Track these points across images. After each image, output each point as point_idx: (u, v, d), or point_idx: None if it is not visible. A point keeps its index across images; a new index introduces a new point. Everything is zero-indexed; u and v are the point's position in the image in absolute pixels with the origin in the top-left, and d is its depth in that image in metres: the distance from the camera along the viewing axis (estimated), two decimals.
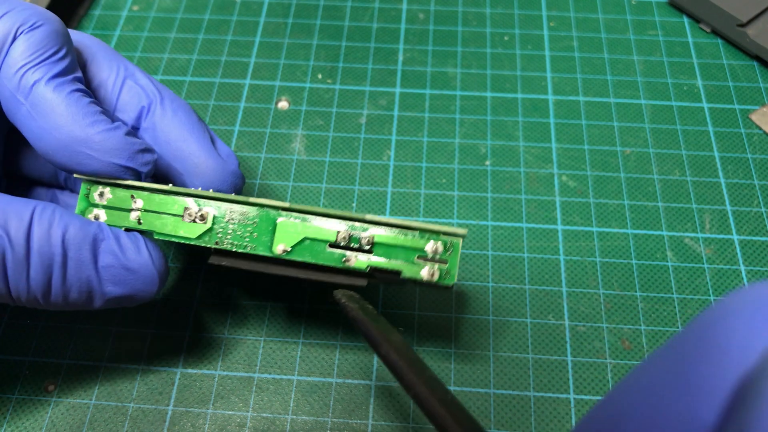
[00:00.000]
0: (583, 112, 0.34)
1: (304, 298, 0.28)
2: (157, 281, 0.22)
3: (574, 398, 0.26)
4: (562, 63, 0.36)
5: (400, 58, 0.36)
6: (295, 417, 0.25)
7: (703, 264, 0.29)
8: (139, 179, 0.22)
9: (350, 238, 0.22)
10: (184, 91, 0.35)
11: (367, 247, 0.21)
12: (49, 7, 0.35)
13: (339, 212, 0.22)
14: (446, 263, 0.21)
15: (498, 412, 0.25)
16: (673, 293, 0.28)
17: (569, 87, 0.35)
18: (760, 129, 0.33)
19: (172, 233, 0.22)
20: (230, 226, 0.22)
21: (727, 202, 0.31)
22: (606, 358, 0.26)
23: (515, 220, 0.30)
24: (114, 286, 0.22)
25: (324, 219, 0.22)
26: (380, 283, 0.23)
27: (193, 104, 0.34)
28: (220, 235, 0.22)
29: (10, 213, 0.20)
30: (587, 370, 0.26)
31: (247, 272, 0.23)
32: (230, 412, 0.25)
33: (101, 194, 0.22)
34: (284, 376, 0.26)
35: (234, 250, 0.22)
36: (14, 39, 0.21)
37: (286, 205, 0.22)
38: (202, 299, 0.28)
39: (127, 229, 0.22)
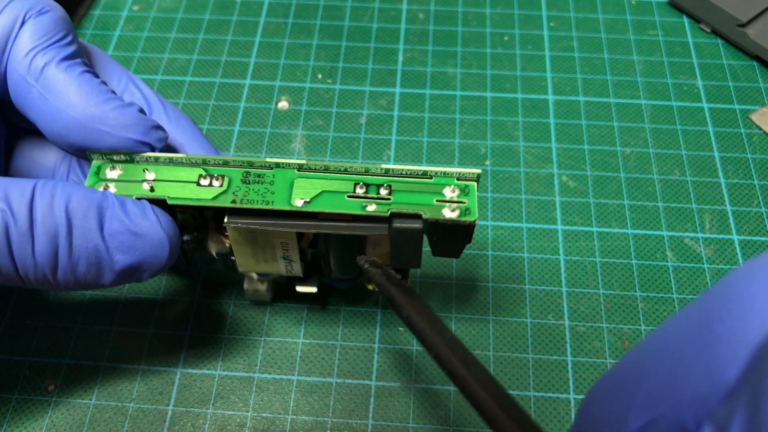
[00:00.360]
0: (583, 112, 0.34)
1: (304, 299, 0.28)
2: (167, 245, 0.22)
3: (574, 398, 0.26)
4: (562, 63, 0.36)
5: (400, 58, 0.36)
6: (295, 417, 0.25)
7: (703, 264, 0.29)
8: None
9: (368, 187, 0.22)
10: (184, 91, 0.35)
11: (385, 194, 0.22)
12: None
13: (356, 165, 0.22)
14: (465, 202, 0.21)
15: None
16: (673, 293, 0.28)
17: (569, 87, 0.35)
18: (760, 129, 0.33)
19: (187, 196, 0.22)
20: (246, 186, 0.22)
21: (727, 202, 0.31)
22: (606, 358, 0.26)
23: (515, 220, 0.30)
24: (123, 254, 0.21)
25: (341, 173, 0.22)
26: (395, 263, 0.23)
27: (193, 104, 0.34)
28: (236, 195, 0.22)
29: (12, 187, 0.20)
30: (587, 370, 0.26)
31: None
32: (230, 412, 0.25)
33: (113, 168, 0.22)
34: (284, 376, 0.26)
35: (251, 207, 0.21)
36: (23, 24, 0.22)
37: (303, 162, 0.22)
38: (202, 299, 0.28)
39: (138, 199, 0.22)
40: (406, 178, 0.22)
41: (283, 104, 0.35)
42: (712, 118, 0.34)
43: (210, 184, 0.22)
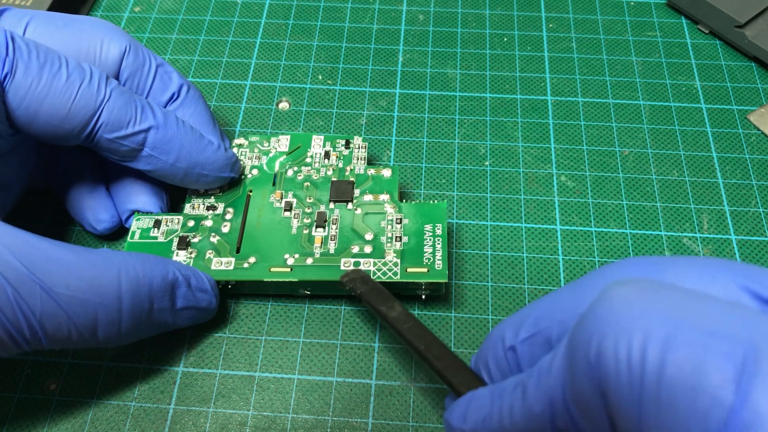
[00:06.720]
0: (582, 112, 0.34)
1: (305, 298, 0.28)
2: (215, 309, 0.26)
3: None
4: (561, 64, 0.36)
5: (400, 59, 0.37)
6: (295, 416, 0.25)
7: None
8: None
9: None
10: None
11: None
12: (51, 8, 0.35)
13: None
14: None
15: None
16: None
17: (568, 88, 0.35)
18: (758, 129, 0.34)
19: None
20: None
21: (725, 203, 0.31)
22: None
23: (514, 220, 0.30)
24: (184, 321, 0.25)
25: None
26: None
27: None
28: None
29: (102, 279, 0.21)
30: None
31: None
32: (231, 411, 0.25)
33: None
34: (285, 375, 0.26)
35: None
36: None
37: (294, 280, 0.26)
38: None
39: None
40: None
41: (284, 105, 0.35)
42: (710, 119, 0.34)
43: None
